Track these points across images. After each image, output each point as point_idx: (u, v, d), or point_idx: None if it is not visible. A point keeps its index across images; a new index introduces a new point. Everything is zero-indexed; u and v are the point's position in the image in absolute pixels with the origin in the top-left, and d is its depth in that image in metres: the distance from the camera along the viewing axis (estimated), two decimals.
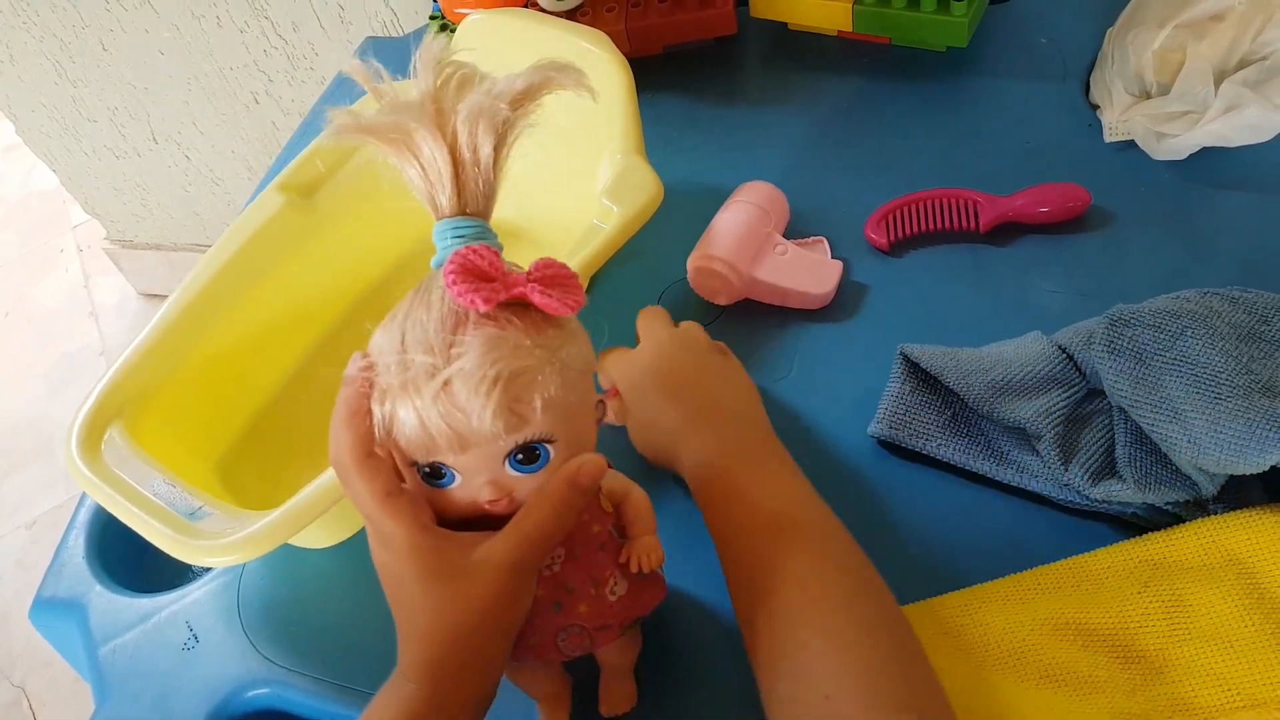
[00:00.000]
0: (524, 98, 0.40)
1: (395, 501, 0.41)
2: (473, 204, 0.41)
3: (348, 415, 0.40)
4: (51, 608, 0.67)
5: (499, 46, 0.76)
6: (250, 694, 0.60)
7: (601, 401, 0.44)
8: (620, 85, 0.69)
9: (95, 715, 0.61)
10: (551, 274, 0.39)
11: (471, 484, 0.41)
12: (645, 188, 0.66)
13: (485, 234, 0.40)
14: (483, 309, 0.38)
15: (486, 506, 0.42)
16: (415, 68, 0.40)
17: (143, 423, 0.64)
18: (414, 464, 0.41)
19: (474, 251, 0.38)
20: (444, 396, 0.38)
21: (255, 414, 0.72)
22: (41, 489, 1.61)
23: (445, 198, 0.40)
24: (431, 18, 0.89)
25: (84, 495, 0.71)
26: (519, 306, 0.39)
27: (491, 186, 0.41)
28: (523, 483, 0.41)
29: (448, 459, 0.40)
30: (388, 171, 0.78)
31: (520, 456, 0.40)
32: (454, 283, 0.37)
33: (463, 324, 0.38)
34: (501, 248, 0.41)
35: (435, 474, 0.41)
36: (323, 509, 0.56)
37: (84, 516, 0.70)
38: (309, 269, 0.74)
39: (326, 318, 0.76)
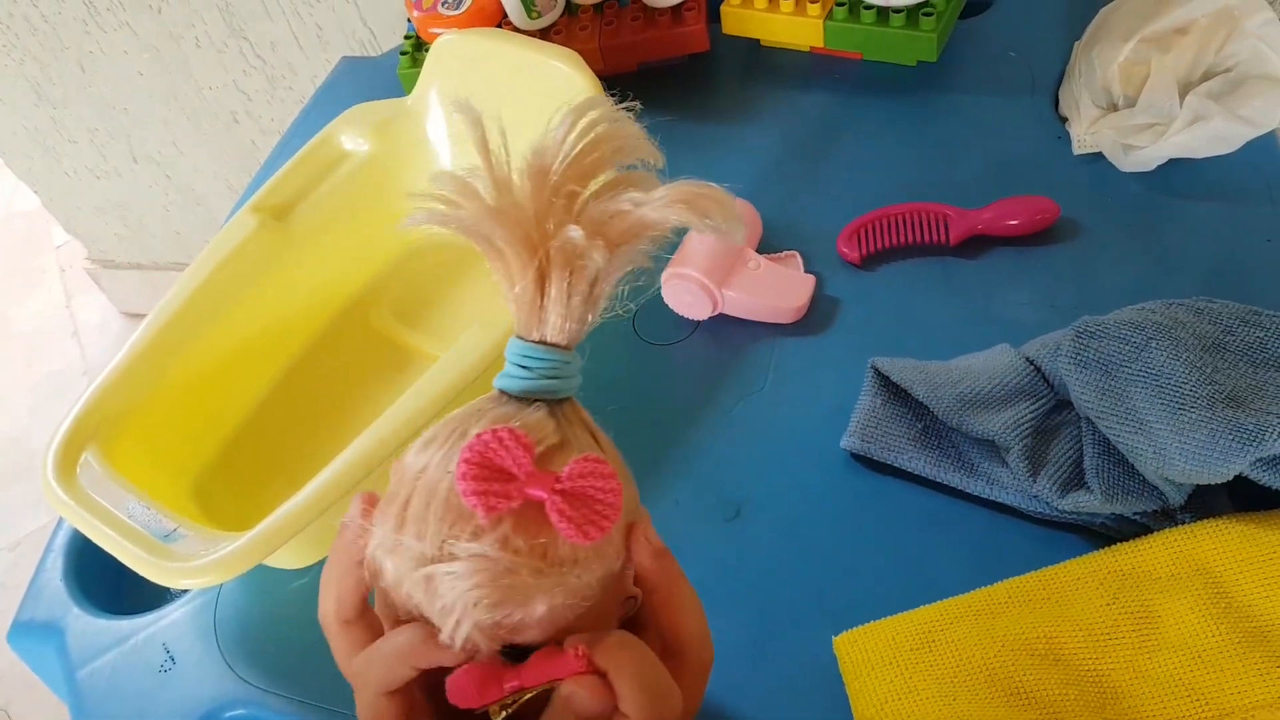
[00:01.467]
0: (632, 235, 0.35)
1: None
2: (554, 334, 0.35)
3: (339, 573, 0.37)
4: (29, 631, 0.67)
5: (472, 67, 0.77)
6: (227, 715, 0.60)
7: (633, 598, 0.38)
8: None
9: None
10: (583, 487, 0.33)
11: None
12: None
13: (560, 370, 0.35)
14: (482, 519, 0.32)
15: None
16: (526, 165, 0.35)
17: (118, 445, 0.64)
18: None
19: (499, 439, 0.33)
20: (421, 591, 0.33)
21: (230, 435, 0.72)
22: (25, 509, 1.60)
23: (524, 322, 0.36)
24: (406, 37, 0.89)
25: (60, 520, 0.71)
26: (541, 507, 0.33)
27: (581, 321, 0.35)
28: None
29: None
30: (362, 194, 0.78)
31: (513, 653, 0.35)
32: (462, 476, 0.32)
33: (464, 522, 0.33)
34: (571, 391, 0.36)
35: None
36: (296, 530, 0.57)
37: (61, 540, 0.70)
38: (283, 290, 0.74)
39: (301, 338, 0.76)
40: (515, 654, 0.34)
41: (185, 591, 0.66)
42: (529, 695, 0.35)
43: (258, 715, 0.60)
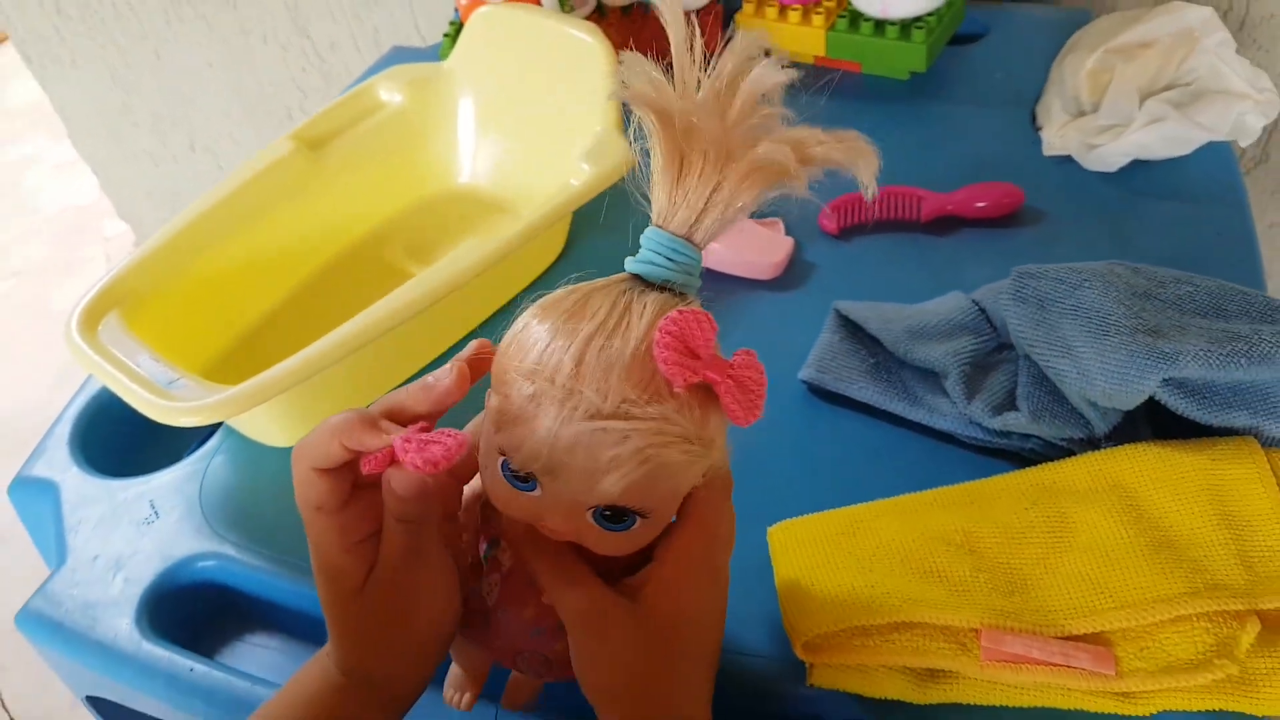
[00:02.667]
0: (817, 165, 0.38)
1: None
2: (701, 234, 0.38)
3: (360, 424, 0.39)
4: (28, 486, 0.71)
5: (504, 35, 0.84)
6: (200, 565, 0.64)
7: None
8: (605, 70, 0.77)
9: (52, 575, 0.65)
10: (750, 376, 0.37)
11: (544, 505, 0.38)
12: (618, 153, 0.73)
13: (694, 269, 0.38)
14: (677, 388, 0.35)
15: (544, 529, 0.40)
16: (743, 84, 0.37)
17: (139, 318, 0.70)
18: (504, 456, 0.38)
19: (696, 320, 0.35)
20: (588, 441, 0.35)
21: (240, 334, 0.77)
22: None
23: (683, 215, 0.38)
24: (450, 23, 0.98)
25: (75, 394, 0.76)
26: (703, 387, 0.36)
27: (726, 227, 0.38)
28: (596, 533, 0.39)
29: (544, 479, 0.37)
30: (390, 141, 0.85)
31: (608, 513, 0.38)
32: (663, 345, 0.35)
33: (647, 387, 0.35)
34: (695, 290, 0.39)
35: (522, 477, 0.38)
36: (288, 385, 0.62)
37: (73, 411, 0.75)
38: (307, 213, 0.80)
39: (318, 259, 0.82)
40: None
41: (180, 460, 0.71)
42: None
43: (229, 567, 0.63)
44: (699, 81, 0.37)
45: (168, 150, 1.53)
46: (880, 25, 0.86)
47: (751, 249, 0.74)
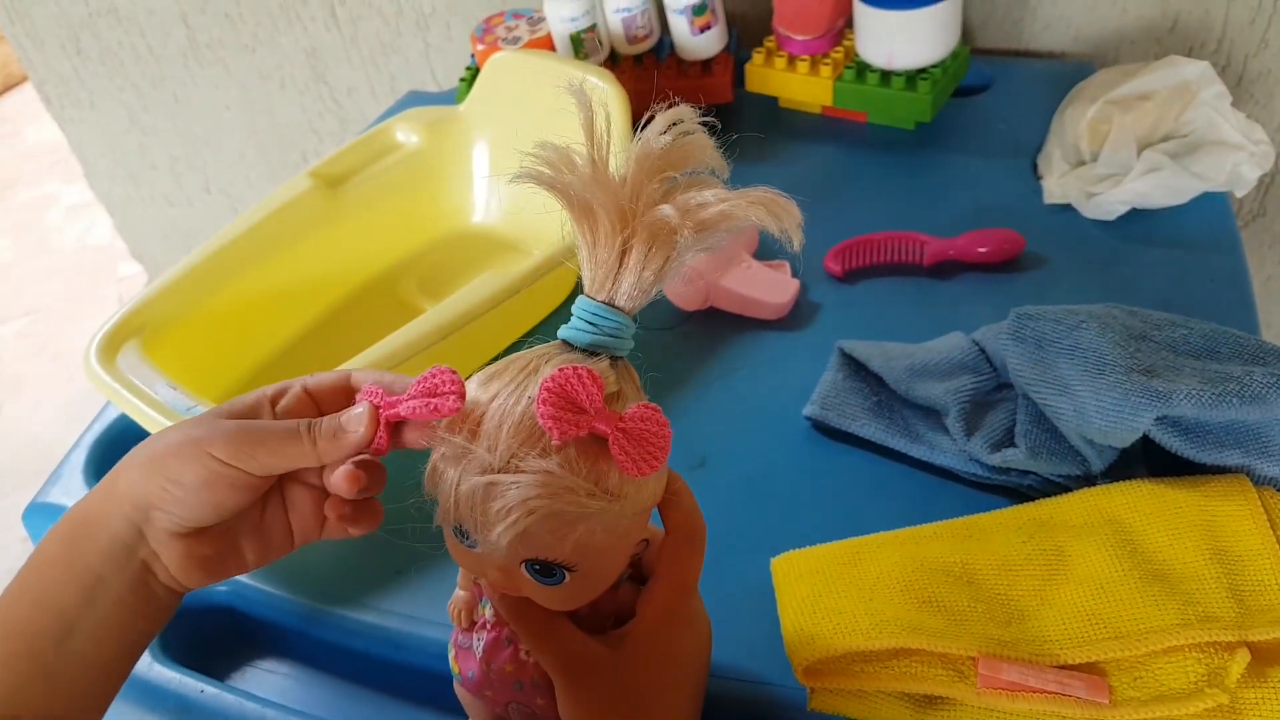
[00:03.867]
0: (716, 225, 0.39)
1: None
2: (623, 298, 0.40)
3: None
4: (43, 512, 0.73)
5: (520, 81, 0.87)
6: (212, 589, 0.64)
7: (646, 541, 0.44)
8: (619, 113, 0.79)
9: None
10: (642, 429, 0.38)
11: (483, 559, 0.41)
12: None
13: (621, 331, 0.40)
14: (555, 441, 0.37)
15: (493, 584, 0.42)
16: (631, 149, 0.40)
17: (157, 348, 0.72)
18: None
19: (578, 376, 0.37)
20: (480, 495, 0.38)
21: (256, 366, 0.79)
22: None
23: (599, 282, 0.40)
24: (467, 69, 1.00)
25: (91, 422, 0.78)
26: (602, 441, 0.38)
27: (648, 291, 0.40)
28: (531, 586, 0.41)
29: (470, 532, 0.40)
30: (406, 181, 0.87)
31: (537, 567, 0.40)
32: (543, 400, 0.37)
33: (534, 442, 0.37)
34: (625, 352, 0.41)
35: (460, 534, 0.41)
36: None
37: (89, 438, 0.76)
38: (324, 248, 0.83)
39: (333, 294, 0.84)
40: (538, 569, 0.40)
41: None
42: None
43: (240, 591, 0.64)
44: (605, 159, 0.40)
45: (183, 192, 1.56)
46: (886, 76, 0.89)
47: (759, 290, 0.76)
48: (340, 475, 0.43)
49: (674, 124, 0.40)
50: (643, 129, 0.40)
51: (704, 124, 0.41)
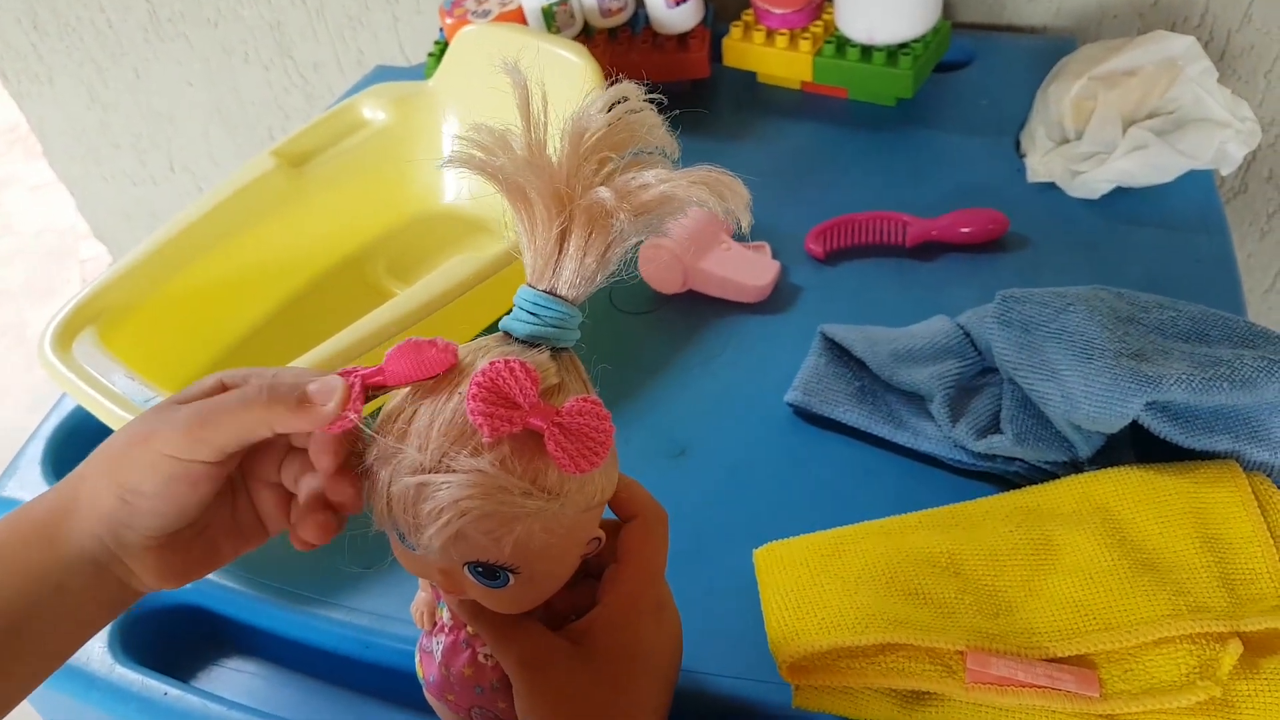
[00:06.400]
0: (656, 207, 0.37)
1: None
2: (565, 288, 0.38)
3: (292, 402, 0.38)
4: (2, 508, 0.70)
5: (490, 55, 0.84)
6: None
7: (599, 538, 0.41)
8: (592, 90, 0.77)
9: None
10: (580, 424, 0.36)
11: (427, 561, 0.39)
12: None
13: (564, 322, 0.38)
14: (485, 439, 0.35)
15: (440, 586, 0.40)
16: (565, 129, 0.38)
17: (115, 335, 0.69)
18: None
19: (510, 369, 0.35)
20: (412, 495, 0.36)
21: (219, 353, 0.76)
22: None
23: (539, 270, 0.38)
24: (435, 43, 0.97)
25: (49, 413, 0.75)
26: (539, 437, 0.36)
27: (591, 279, 0.38)
28: (477, 589, 0.39)
29: (406, 535, 0.38)
30: (373, 159, 0.84)
31: (480, 569, 0.38)
32: (472, 396, 0.35)
33: (466, 440, 0.35)
34: (569, 343, 0.39)
35: (401, 537, 0.38)
36: None
37: (47, 429, 0.74)
38: (288, 230, 0.80)
39: (298, 278, 0.81)
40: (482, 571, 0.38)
41: None
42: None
43: (205, 589, 0.62)
44: (542, 141, 0.38)
45: (146, 171, 1.52)
46: (867, 51, 0.87)
47: (739, 272, 0.74)
48: (309, 525, 0.40)
49: (617, 103, 0.38)
50: (580, 109, 0.38)
51: (650, 101, 0.39)
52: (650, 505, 0.44)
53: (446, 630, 0.45)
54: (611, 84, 0.39)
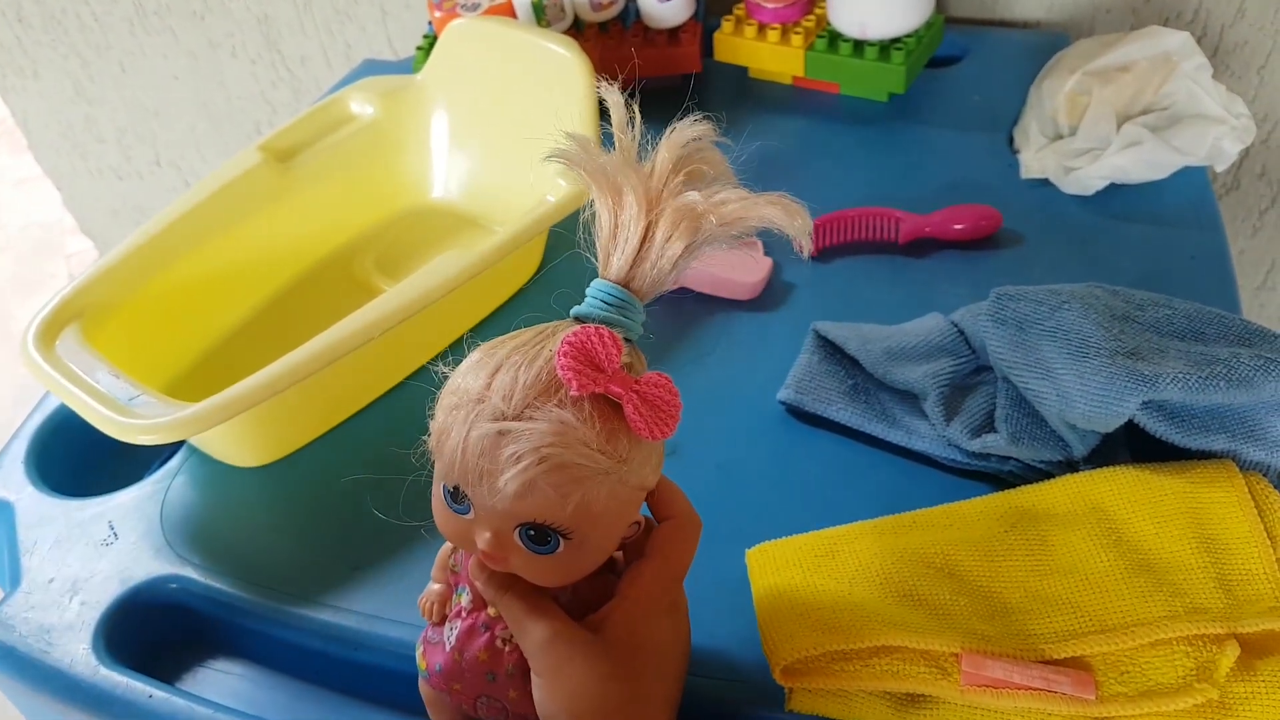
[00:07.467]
0: (736, 220, 0.41)
1: None
2: (638, 281, 0.41)
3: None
4: None
5: (479, 49, 0.83)
6: (160, 588, 0.62)
7: (639, 523, 0.44)
8: (583, 84, 0.76)
9: (6, 598, 0.63)
10: (657, 394, 0.39)
11: (476, 525, 0.40)
12: None
13: (632, 313, 0.41)
14: (574, 392, 0.37)
15: (480, 553, 0.41)
16: (665, 139, 0.41)
17: (99, 332, 0.68)
18: (443, 481, 0.41)
19: (600, 335, 0.38)
20: (490, 442, 0.38)
21: (205, 351, 0.75)
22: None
23: (618, 264, 0.41)
24: (424, 36, 0.97)
25: (32, 410, 0.74)
26: (613, 405, 0.39)
27: (663, 277, 0.41)
28: (522, 555, 0.40)
29: (468, 491, 0.39)
30: (361, 154, 0.83)
31: (532, 532, 0.39)
32: (564, 354, 0.38)
33: (550, 395, 0.38)
34: (634, 336, 0.42)
35: (455, 497, 0.41)
36: (252, 403, 0.60)
37: (30, 427, 0.73)
38: (275, 225, 0.79)
39: (285, 274, 0.80)
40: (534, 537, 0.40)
41: (141, 480, 0.69)
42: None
43: (190, 590, 0.61)
44: (634, 148, 0.42)
45: (132, 165, 1.50)
46: (859, 46, 0.86)
47: (730, 269, 0.74)
48: None
49: (695, 138, 0.42)
50: (671, 128, 0.42)
51: (719, 144, 0.43)
52: (688, 510, 0.46)
53: (464, 615, 0.46)
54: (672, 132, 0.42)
